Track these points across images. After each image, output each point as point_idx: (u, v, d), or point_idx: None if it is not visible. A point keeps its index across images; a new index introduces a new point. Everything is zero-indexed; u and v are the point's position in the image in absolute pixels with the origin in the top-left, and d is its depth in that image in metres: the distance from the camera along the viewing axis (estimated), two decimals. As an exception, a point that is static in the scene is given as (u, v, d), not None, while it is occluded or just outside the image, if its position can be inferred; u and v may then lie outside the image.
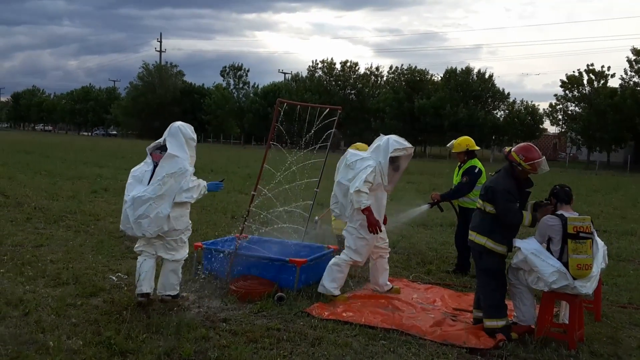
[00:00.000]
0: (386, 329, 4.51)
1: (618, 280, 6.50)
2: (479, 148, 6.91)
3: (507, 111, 47.75)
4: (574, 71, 43.00)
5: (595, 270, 4.35)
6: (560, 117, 44.52)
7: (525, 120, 46.03)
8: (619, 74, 42.34)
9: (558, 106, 44.26)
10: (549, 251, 4.38)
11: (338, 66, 54.35)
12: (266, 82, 62.17)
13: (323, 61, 54.79)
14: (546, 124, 48.69)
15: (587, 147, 43.02)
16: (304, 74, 56.49)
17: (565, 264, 4.26)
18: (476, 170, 6.46)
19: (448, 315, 5.01)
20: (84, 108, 78.31)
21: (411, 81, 50.15)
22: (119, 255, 6.58)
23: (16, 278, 5.37)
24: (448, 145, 6.92)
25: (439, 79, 50.36)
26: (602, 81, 41.71)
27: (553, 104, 44.52)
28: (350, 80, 53.89)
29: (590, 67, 41.96)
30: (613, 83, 42.10)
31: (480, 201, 4.67)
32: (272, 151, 5.73)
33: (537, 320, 4.51)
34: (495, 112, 48.14)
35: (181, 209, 4.80)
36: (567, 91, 43.19)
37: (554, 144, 53.83)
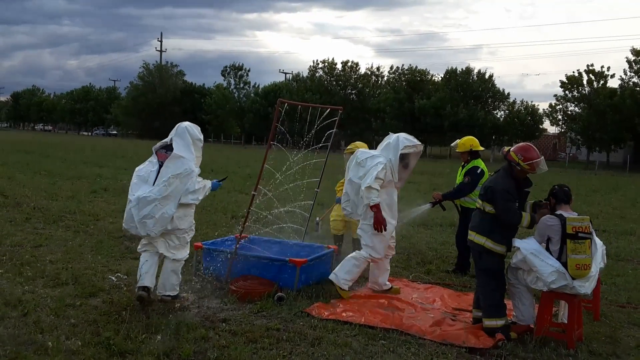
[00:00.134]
0: (386, 328, 4.51)
1: (617, 280, 6.50)
2: (483, 149, 6.90)
3: (507, 111, 47.78)
4: (573, 71, 43.08)
5: (594, 270, 4.36)
6: (560, 118, 44.55)
7: (525, 121, 46.06)
8: (619, 75, 42.44)
9: (558, 106, 44.31)
10: (548, 251, 4.38)
11: (339, 66, 54.42)
12: (267, 82, 62.15)
13: (324, 61, 54.87)
14: (546, 124, 48.80)
15: (587, 147, 43.04)
16: (305, 74, 56.57)
17: (564, 264, 4.26)
18: (479, 170, 6.45)
19: (448, 315, 5.02)
20: (84, 108, 78.27)
21: (412, 81, 50.15)
22: (119, 255, 6.58)
23: (15, 278, 5.37)
24: (452, 144, 6.91)
25: (440, 79, 50.40)
26: (602, 81, 41.73)
27: (553, 104, 44.56)
28: (351, 80, 53.90)
29: (590, 68, 41.99)
30: (613, 83, 42.12)
31: (479, 201, 4.67)
32: (273, 151, 5.73)
33: (536, 320, 4.51)
34: (495, 113, 48.17)
35: (185, 209, 4.81)
36: (567, 91, 43.21)
37: (553, 144, 53.84)
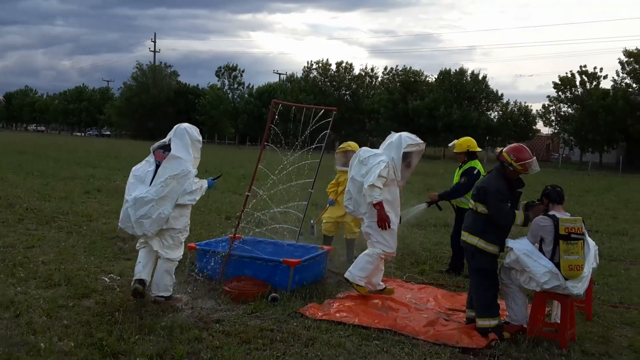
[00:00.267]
0: (379, 329, 4.52)
1: (609, 280, 6.55)
2: (480, 150, 6.91)
3: (501, 112, 47.98)
4: (566, 73, 43.29)
5: (587, 271, 4.38)
6: (553, 118, 44.78)
7: (518, 121, 46.28)
8: (611, 76, 42.63)
9: (551, 107, 44.52)
10: (541, 251, 4.41)
11: (333, 67, 54.43)
12: (261, 83, 62.30)
13: (318, 62, 54.90)
14: (539, 125, 49.02)
15: (580, 148, 43.31)
16: (299, 75, 56.61)
17: (557, 265, 4.29)
18: (475, 171, 6.46)
19: (441, 315, 5.03)
20: (77, 108, 77.87)
21: (406, 82, 50.28)
22: (112, 256, 6.55)
23: (7, 279, 5.33)
24: (450, 144, 6.91)
25: (433, 80, 50.53)
26: (595, 83, 42.00)
27: (546, 105, 44.78)
28: (345, 81, 53.95)
29: (583, 69, 42.25)
30: (605, 84, 42.39)
31: (472, 201, 4.69)
32: (267, 152, 5.73)
33: (529, 320, 4.53)
34: (489, 113, 48.35)
35: (182, 209, 4.83)
36: (560, 92, 43.44)
37: (547, 144, 54.12)
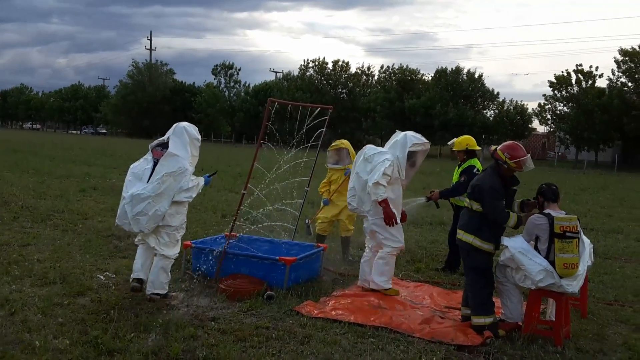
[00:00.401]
0: (375, 326, 4.52)
1: (604, 278, 6.58)
2: (479, 148, 6.88)
3: (497, 111, 48.10)
4: (562, 71, 43.48)
5: (582, 269, 4.40)
6: (548, 117, 44.94)
7: (514, 120, 46.40)
8: (607, 75, 42.76)
9: (547, 106, 44.69)
10: (537, 249, 4.42)
11: (329, 65, 54.39)
12: (257, 81, 62.27)
13: (314, 60, 54.84)
14: (535, 124, 49.22)
15: (575, 147, 43.47)
16: (296, 73, 56.47)
17: (552, 263, 4.30)
18: (474, 170, 6.43)
19: (437, 312, 5.04)
20: (72, 106, 77.53)
21: (402, 81, 50.30)
22: (107, 254, 6.54)
23: (2, 277, 5.31)
24: (449, 142, 6.89)
25: (430, 78, 50.60)
26: (590, 81, 42.17)
27: (542, 104, 44.96)
28: (342, 80, 53.94)
29: (579, 68, 42.41)
30: (601, 83, 42.55)
31: (467, 199, 4.70)
32: (263, 150, 5.73)
33: (524, 318, 4.55)
34: (484, 112, 48.45)
35: (178, 206, 4.85)
36: (556, 91, 43.58)
37: (542, 143, 54.31)
